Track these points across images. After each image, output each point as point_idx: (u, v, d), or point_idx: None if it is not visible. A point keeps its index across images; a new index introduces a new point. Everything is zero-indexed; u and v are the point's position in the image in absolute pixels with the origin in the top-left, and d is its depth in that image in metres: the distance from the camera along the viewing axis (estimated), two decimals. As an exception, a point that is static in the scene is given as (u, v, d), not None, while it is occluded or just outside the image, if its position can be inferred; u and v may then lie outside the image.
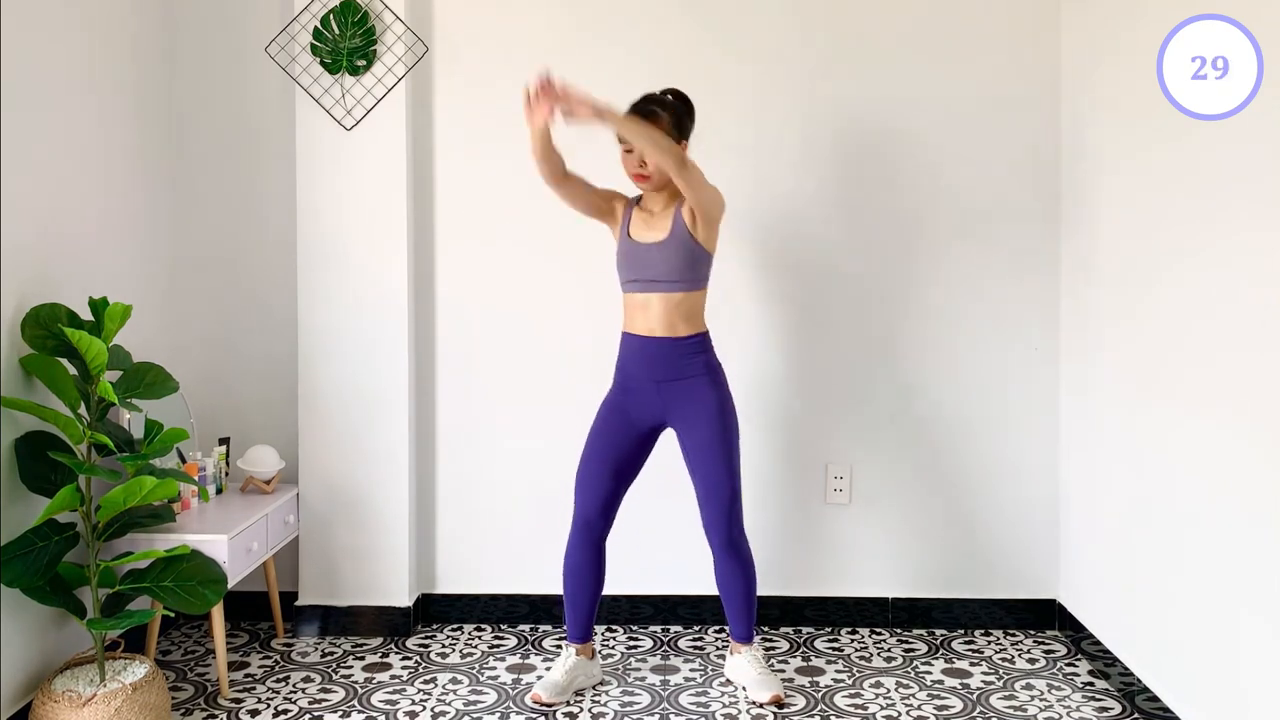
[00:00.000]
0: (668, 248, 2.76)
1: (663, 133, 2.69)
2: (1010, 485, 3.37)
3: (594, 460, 2.88)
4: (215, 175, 3.41)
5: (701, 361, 2.82)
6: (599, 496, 2.88)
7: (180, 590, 2.60)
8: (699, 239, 2.77)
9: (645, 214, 2.85)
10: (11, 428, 2.56)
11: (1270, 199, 2.19)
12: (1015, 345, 3.36)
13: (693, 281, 2.79)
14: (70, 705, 2.45)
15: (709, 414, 2.79)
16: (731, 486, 2.82)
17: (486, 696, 2.92)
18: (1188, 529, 2.53)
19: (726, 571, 2.88)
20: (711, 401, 2.80)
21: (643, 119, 2.72)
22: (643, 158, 2.74)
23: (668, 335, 2.79)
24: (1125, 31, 2.86)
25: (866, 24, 3.33)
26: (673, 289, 2.77)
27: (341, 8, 3.20)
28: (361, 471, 3.30)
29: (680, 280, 2.77)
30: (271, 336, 3.42)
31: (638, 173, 2.78)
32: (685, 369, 2.80)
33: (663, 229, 2.79)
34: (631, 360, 2.85)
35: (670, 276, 2.77)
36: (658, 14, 3.34)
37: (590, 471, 2.88)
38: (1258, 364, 2.23)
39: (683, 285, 2.78)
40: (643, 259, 2.79)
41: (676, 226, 2.77)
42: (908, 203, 3.35)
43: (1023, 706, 2.84)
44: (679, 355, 2.79)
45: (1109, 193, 2.98)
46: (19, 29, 2.58)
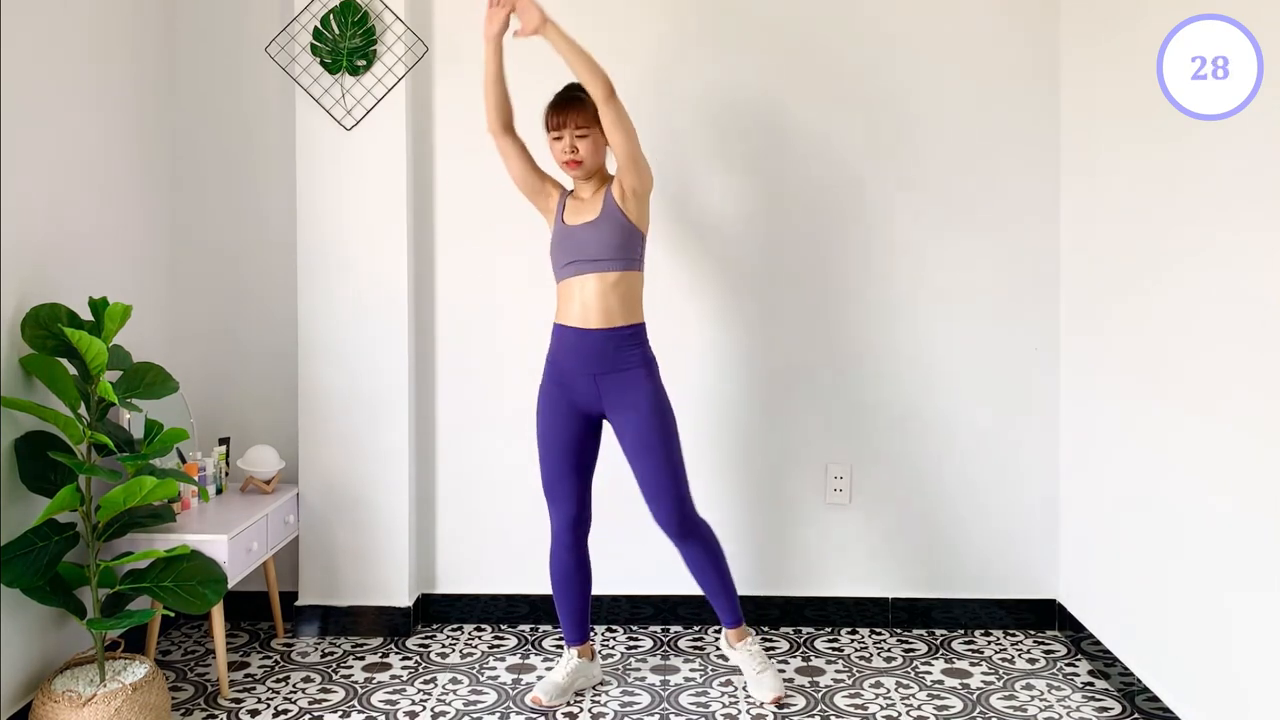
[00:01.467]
0: (600, 226, 2.77)
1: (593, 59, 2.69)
2: (1010, 485, 3.37)
3: (555, 463, 2.85)
4: (215, 175, 3.41)
5: (638, 354, 2.79)
6: (571, 496, 2.86)
7: (180, 590, 2.60)
8: (630, 216, 2.77)
9: (577, 201, 2.87)
10: (11, 428, 2.56)
11: (1270, 198, 2.19)
12: (1015, 345, 3.36)
13: (627, 260, 2.78)
14: (70, 705, 2.45)
15: (645, 407, 2.77)
16: (674, 477, 2.78)
17: (486, 696, 2.92)
18: (1188, 529, 2.53)
19: (692, 558, 2.85)
20: (648, 393, 2.77)
21: (568, 104, 2.77)
22: (573, 143, 2.76)
23: (603, 326, 2.76)
24: (1125, 31, 2.86)
25: (865, 24, 3.33)
26: (608, 268, 2.76)
27: (341, 8, 3.20)
28: (361, 471, 3.30)
29: (614, 259, 2.76)
30: (271, 336, 3.42)
31: (569, 159, 2.79)
32: (620, 361, 2.77)
33: (594, 210, 2.80)
34: (565, 354, 2.81)
35: (604, 255, 2.75)
36: (658, 14, 3.33)
37: (555, 476, 2.85)
38: (1258, 364, 2.23)
39: (617, 264, 2.76)
40: (576, 240, 2.79)
41: (607, 205, 2.78)
42: (907, 202, 3.35)
43: (1023, 706, 2.84)
44: (614, 347, 2.77)
45: (1109, 192, 2.98)
46: (19, 29, 2.58)
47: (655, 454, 2.77)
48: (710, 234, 3.36)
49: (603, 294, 2.76)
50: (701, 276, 3.36)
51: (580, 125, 2.76)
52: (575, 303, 2.78)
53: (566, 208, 2.87)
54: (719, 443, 3.39)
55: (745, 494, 3.40)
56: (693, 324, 3.38)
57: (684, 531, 2.81)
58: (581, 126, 2.76)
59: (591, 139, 2.77)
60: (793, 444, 3.40)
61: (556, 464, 2.85)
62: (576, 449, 2.84)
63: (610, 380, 2.78)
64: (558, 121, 2.78)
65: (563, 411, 2.83)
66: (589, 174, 2.82)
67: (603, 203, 2.79)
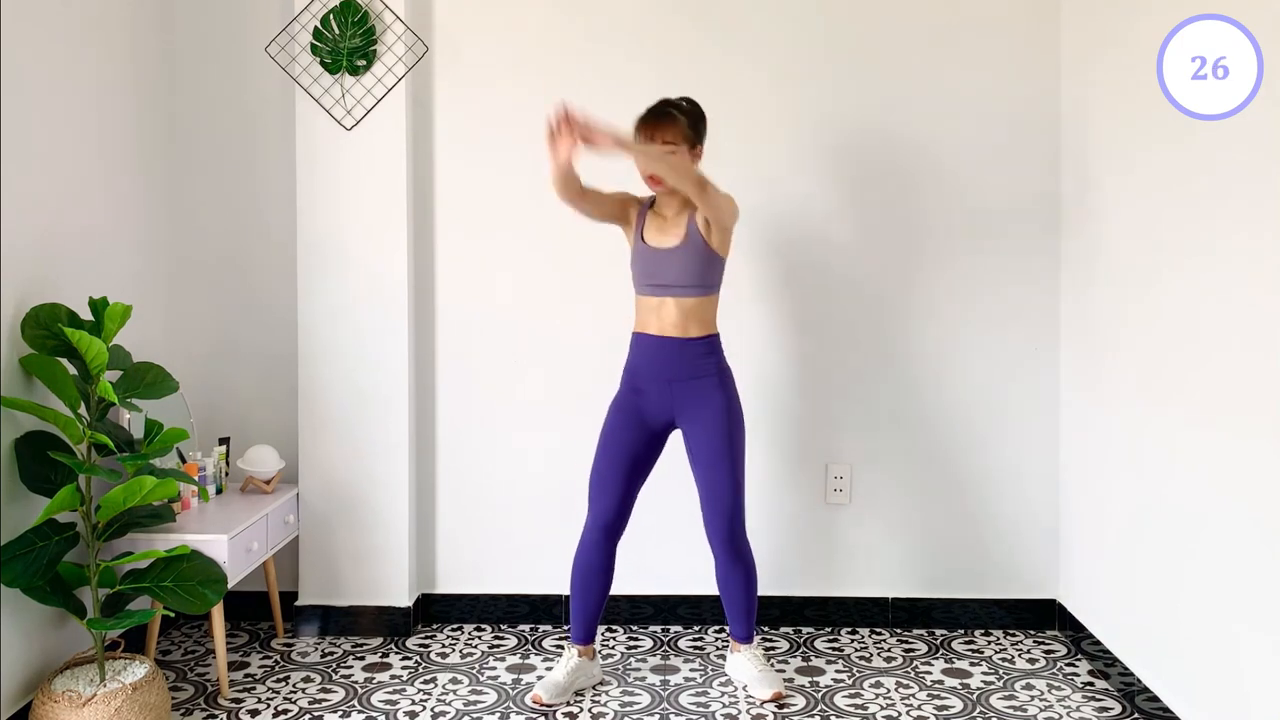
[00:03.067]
0: (683, 254, 2.78)
1: (680, 157, 2.70)
2: (1010, 485, 3.37)
3: (609, 463, 2.87)
4: (215, 175, 3.41)
5: (713, 363, 2.83)
6: (615, 499, 2.88)
7: (180, 590, 2.60)
8: (713, 245, 2.78)
9: (659, 219, 2.86)
10: (11, 428, 2.56)
11: (1271, 199, 2.19)
12: (1016, 345, 3.36)
13: (706, 287, 2.81)
14: (70, 705, 2.45)
15: (716, 417, 2.80)
16: (734, 490, 2.83)
17: (486, 696, 2.92)
18: (1188, 528, 2.53)
19: (728, 573, 2.89)
20: (720, 404, 2.81)
21: (659, 119, 2.76)
22: None
23: (680, 336, 2.80)
24: (1125, 31, 2.86)
25: (866, 27, 3.33)
26: (687, 294, 2.79)
27: (341, 8, 3.20)
28: (361, 471, 3.30)
29: (695, 285, 2.79)
30: (271, 336, 3.42)
31: (653, 176, 2.78)
32: (696, 369, 2.81)
33: (677, 235, 2.80)
34: (643, 360, 2.85)
35: (685, 281, 2.78)
36: (658, 13, 3.34)
37: (605, 475, 2.88)
38: (1258, 363, 2.23)
39: (697, 290, 2.79)
40: (657, 264, 2.80)
41: (691, 233, 2.78)
42: (907, 204, 3.35)
43: (1023, 706, 2.84)
44: (691, 356, 2.81)
45: (1109, 193, 2.98)
46: (19, 30, 2.58)
47: (721, 467, 2.81)
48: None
49: (680, 316, 2.80)
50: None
51: (668, 141, 2.74)
52: (653, 316, 2.82)
53: (647, 224, 2.86)
54: (719, 443, 3.39)
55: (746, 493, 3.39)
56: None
57: (730, 548, 2.86)
58: (670, 142, 2.74)
59: (679, 155, 2.74)
60: (793, 444, 3.40)
61: (610, 463, 2.87)
62: (634, 456, 2.87)
63: (684, 388, 2.81)
64: (647, 136, 2.76)
65: (633, 419, 2.86)
66: (673, 190, 2.79)
67: (686, 229, 2.79)
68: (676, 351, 2.80)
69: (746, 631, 2.95)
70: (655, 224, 2.85)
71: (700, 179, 2.66)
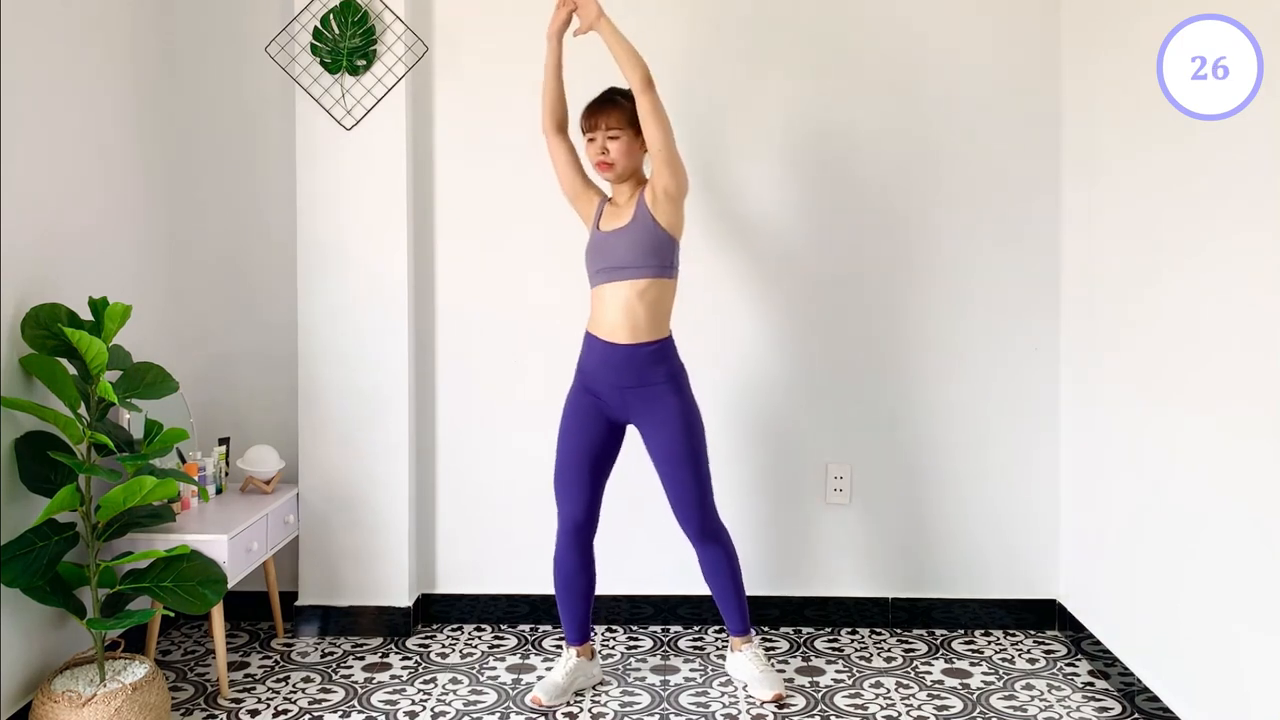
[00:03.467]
0: (631, 231, 2.77)
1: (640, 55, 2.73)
2: (1010, 485, 3.37)
3: (570, 462, 2.86)
4: (215, 175, 3.41)
5: (664, 370, 2.81)
6: (583, 498, 2.87)
7: (180, 590, 2.60)
8: (661, 220, 2.76)
9: (613, 207, 2.88)
10: (11, 428, 2.56)
11: (1270, 198, 2.19)
12: (1015, 345, 3.36)
13: (658, 267, 2.78)
14: (70, 705, 2.45)
15: (673, 422, 2.79)
16: (700, 488, 2.82)
17: (486, 696, 2.92)
18: (1188, 528, 2.53)
19: (709, 561, 2.88)
20: (674, 406, 2.79)
21: (603, 105, 2.81)
22: (605, 145, 2.78)
23: (629, 342, 2.77)
24: (1125, 31, 2.86)
25: (865, 25, 3.33)
26: (638, 275, 2.76)
27: (341, 8, 3.20)
28: (361, 471, 3.30)
29: (644, 265, 2.76)
30: (271, 336, 3.42)
31: (600, 160, 2.80)
32: (647, 377, 2.79)
33: (627, 215, 2.81)
34: (594, 364, 2.84)
35: (634, 262, 2.76)
36: (657, 13, 3.33)
37: (569, 475, 2.87)
38: (1257, 363, 2.23)
39: (647, 270, 2.76)
40: (607, 246, 2.80)
41: (639, 210, 2.78)
42: (908, 203, 3.35)
43: (1023, 707, 2.84)
44: (640, 363, 2.78)
45: (1109, 192, 2.98)
46: (18, 29, 2.58)
47: (683, 466, 2.80)
48: (708, 236, 3.36)
49: (630, 304, 2.76)
50: (701, 277, 3.36)
51: (613, 127, 2.77)
52: (605, 311, 2.80)
53: (603, 214, 2.88)
54: (719, 442, 3.38)
55: (745, 494, 3.40)
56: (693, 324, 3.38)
57: (705, 536, 2.86)
58: (614, 128, 2.77)
59: (624, 141, 2.78)
60: (793, 444, 3.40)
61: (572, 463, 2.86)
62: (595, 453, 2.86)
63: (637, 394, 2.80)
64: (592, 123, 2.80)
65: (589, 415, 2.85)
66: (621, 177, 2.82)
67: (635, 208, 2.79)
68: (626, 359, 2.78)
69: (742, 624, 2.94)
70: (609, 212, 2.87)
71: (649, 76, 2.70)
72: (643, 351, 2.78)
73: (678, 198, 2.78)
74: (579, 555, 2.90)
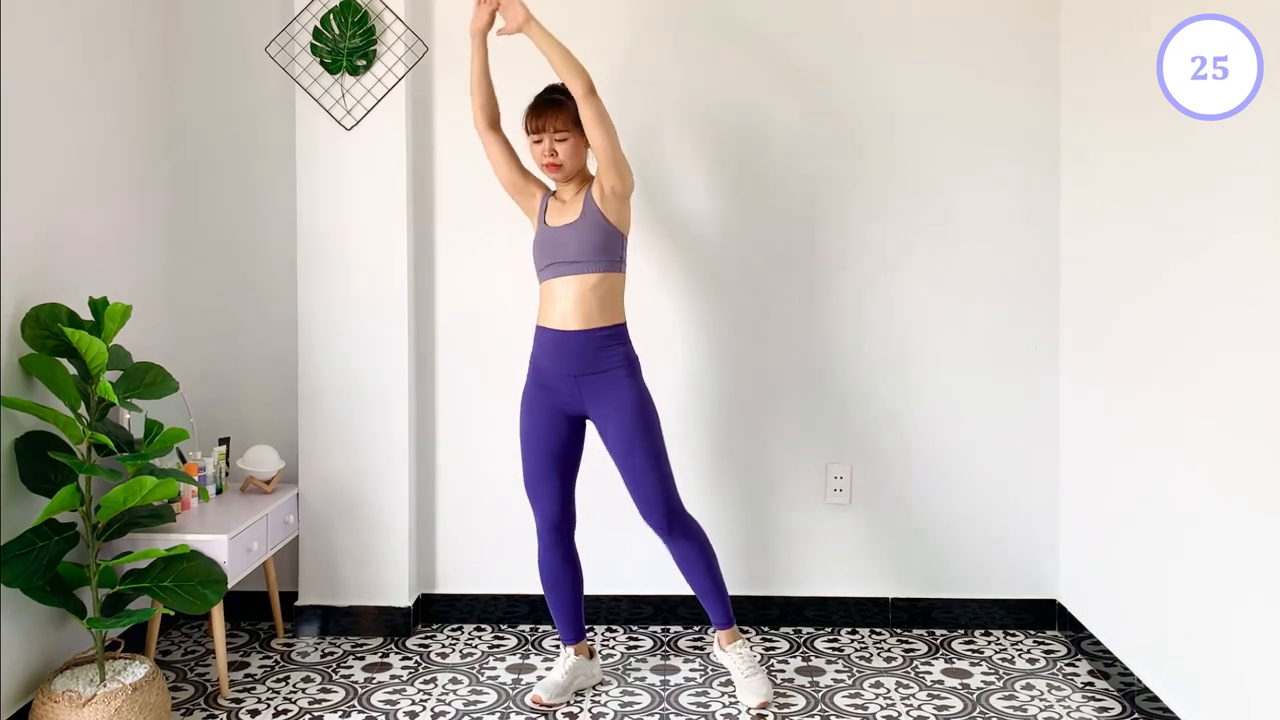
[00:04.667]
0: (580, 228, 2.76)
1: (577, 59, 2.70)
2: (1010, 485, 3.37)
3: (537, 463, 2.85)
4: (215, 175, 3.41)
5: (620, 354, 2.79)
6: (555, 496, 2.86)
7: (180, 590, 2.60)
8: (610, 217, 2.76)
9: (559, 202, 2.87)
10: (11, 428, 2.56)
11: (1270, 198, 2.19)
12: (1015, 345, 3.35)
13: (608, 263, 2.78)
14: (70, 705, 2.45)
15: (628, 405, 2.76)
16: (660, 477, 2.78)
17: (486, 696, 2.92)
18: (1188, 528, 2.53)
19: (681, 556, 2.84)
20: (629, 393, 2.77)
21: (548, 107, 2.77)
22: (553, 146, 2.76)
23: (583, 328, 2.76)
24: (1125, 31, 2.86)
25: (863, 23, 3.33)
26: (587, 269, 2.75)
27: (341, 8, 3.20)
28: (361, 471, 3.30)
29: (594, 260, 2.76)
30: (271, 336, 3.42)
31: (548, 162, 2.79)
32: (601, 362, 2.77)
33: (574, 211, 2.80)
34: (546, 355, 2.82)
35: (584, 257, 2.75)
36: (657, 13, 3.33)
37: (537, 475, 2.86)
38: (1257, 362, 2.23)
39: (598, 265, 2.76)
40: (557, 242, 2.79)
41: (588, 206, 2.77)
42: (908, 203, 3.35)
43: (1023, 706, 2.84)
44: (595, 348, 2.77)
45: (1109, 192, 2.98)
46: (19, 29, 2.58)
47: (639, 453, 2.77)
48: (710, 235, 3.36)
49: (582, 296, 2.75)
50: (701, 277, 3.36)
51: (559, 129, 2.76)
52: (556, 304, 2.79)
53: (549, 209, 2.87)
54: (719, 442, 3.39)
55: (745, 494, 3.40)
56: (692, 324, 3.38)
57: (671, 528, 2.81)
58: (561, 130, 2.76)
59: (571, 142, 2.76)
60: (793, 444, 3.40)
61: (538, 464, 2.85)
62: (558, 450, 2.85)
63: (591, 381, 2.78)
64: (537, 125, 2.78)
65: (545, 412, 2.83)
66: (569, 176, 2.82)
67: (583, 204, 2.79)
68: (579, 345, 2.76)
69: (724, 616, 2.89)
70: (555, 208, 2.86)
71: (589, 79, 2.68)
72: (596, 336, 2.77)
73: (625, 196, 2.78)
74: (561, 554, 2.90)
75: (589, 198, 2.78)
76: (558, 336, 2.78)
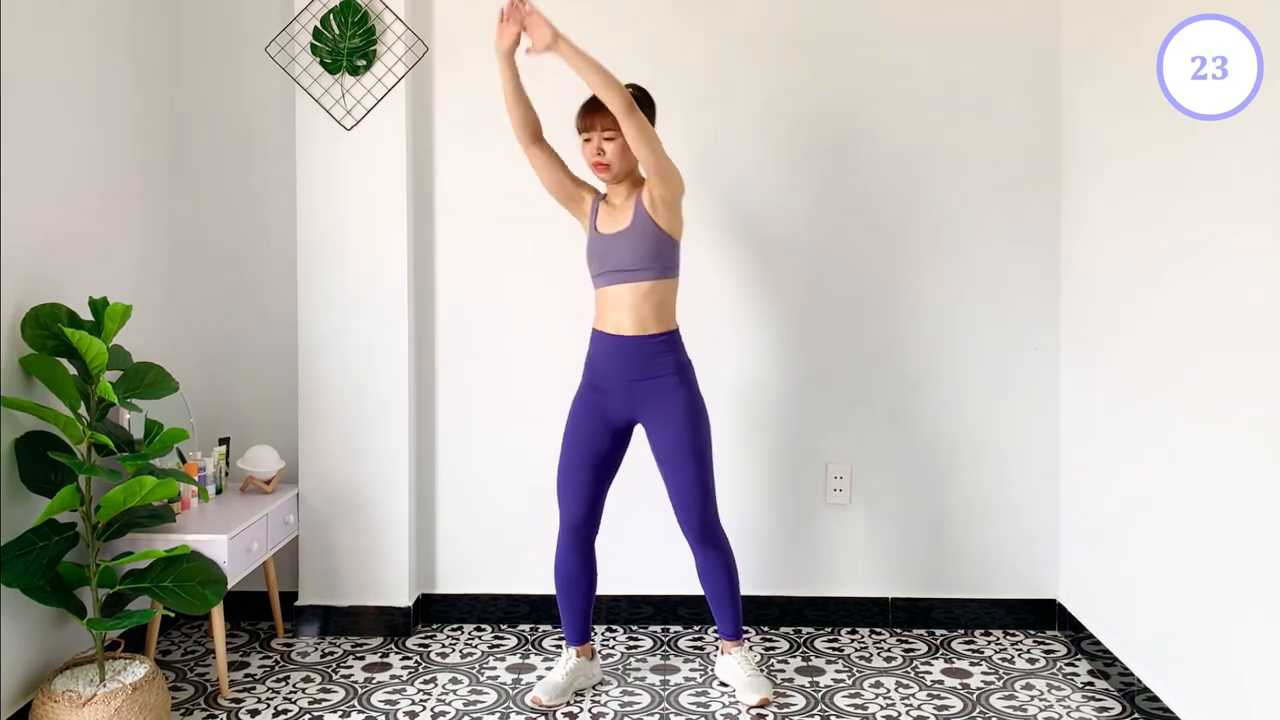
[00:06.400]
0: (631, 235, 2.76)
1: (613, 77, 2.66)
2: (1010, 485, 3.37)
3: (574, 463, 2.85)
4: (215, 175, 3.41)
5: (672, 361, 2.80)
6: (584, 499, 2.86)
7: (180, 590, 2.60)
8: (661, 224, 2.76)
9: (609, 207, 2.86)
10: (11, 428, 2.56)
11: (1269, 198, 2.19)
12: (1015, 345, 3.36)
13: (660, 269, 2.78)
14: (70, 705, 2.45)
15: (679, 414, 2.77)
16: (703, 484, 2.80)
17: (486, 696, 2.92)
18: (1188, 528, 2.53)
19: (706, 565, 2.86)
20: (681, 401, 2.78)
21: (597, 107, 2.75)
22: (601, 145, 2.76)
23: (637, 334, 2.77)
24: (1125, 31, 2.86)
25: (863, 22, 3.33)
26: (640, 277, 2.76)
27: (341, 8, 3.20)
28: (361, 471, 3.30)
29: (646, 268, 2.76)
30: (271, 336, 3.42)
31: (596, 161, 2.78)
32: (655, 368, 2.78)
33: (625, 218, 2.79)
34: (602, 359, 2.83)
35: (636, 264, 2.76)
36: (656, 12, 3.34)
37: (572, 475, 2.86)
38: (1258, 362, 2.23)
39: (650, 273, 2.76)
40: (609, 249, 2.79)
41: (638, 214, 2.77)
42: (907, 203, 3.35)
43: (1023, 706, 2.84)
44: (649, 354, 2.78)
45: (1109, 192, 2.98)
46: (18, 29, 2.58)
47: (688, 467, 2.78)
48: (711, 237, 3.36)
49: (636, 304, 2.76)
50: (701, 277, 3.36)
51: (608, 128, 2.74)
52: (610, 310, 2.79)
53: (600, 214, 2.86)
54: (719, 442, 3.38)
55: (745, 494, 3.40)
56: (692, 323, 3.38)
57: (705, 539, 2.83)
58: (609, 129, 2.74)
59: (619, 142, 2.75)
60: (793, 444, 3.40)
61: (575, 464, 2.85)
62: (599, 456, 2.85)
63: (644, 388, 2.78)
64: (586, 124, 2.78)
65: (594, 417, 2.84)
66: (618, 177, 2.81)
67: (634, 211, 2.78)
68: (634, 351, 2.77)
69: (734, 628, 2.92)
70: (606, 213, 2.85)
71: (629, 96, 2.64)
72: (651, 342, 2.78)
73: (674, 203, 2.77)
74: (580, 556, 2.90)
75: (639, 205, 2.78)
76: (613, 341, 2.79)
